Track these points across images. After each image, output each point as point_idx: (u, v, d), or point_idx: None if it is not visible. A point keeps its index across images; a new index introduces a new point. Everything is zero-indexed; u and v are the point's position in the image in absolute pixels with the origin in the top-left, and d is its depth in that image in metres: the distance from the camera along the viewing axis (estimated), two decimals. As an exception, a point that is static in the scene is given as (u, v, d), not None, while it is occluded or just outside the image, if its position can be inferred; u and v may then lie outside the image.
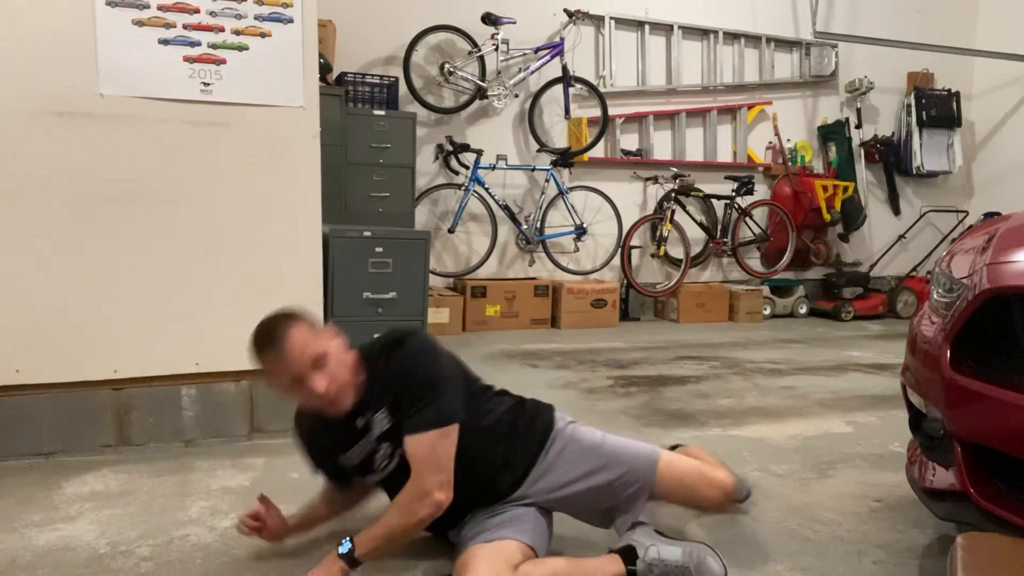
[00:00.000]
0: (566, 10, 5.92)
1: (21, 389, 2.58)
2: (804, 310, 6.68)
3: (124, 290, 2.66)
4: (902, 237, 7.09)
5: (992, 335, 1.70)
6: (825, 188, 6.68)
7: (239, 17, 2.71)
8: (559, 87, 5.81)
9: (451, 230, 5.58)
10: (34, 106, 2.51)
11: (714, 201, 6.47)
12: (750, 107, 6.70)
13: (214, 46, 2.69)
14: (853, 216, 6.87)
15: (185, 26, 2.65)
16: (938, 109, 7.08)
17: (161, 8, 2.61)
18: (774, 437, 3.03)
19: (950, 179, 7.58)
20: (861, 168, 7.08)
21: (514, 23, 5.59)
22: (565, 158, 5.76)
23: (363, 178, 4.87)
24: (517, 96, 5.85)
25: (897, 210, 7.43)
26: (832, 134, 7.01)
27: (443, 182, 5.66)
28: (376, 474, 1.84)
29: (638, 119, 6.33)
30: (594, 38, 6.17)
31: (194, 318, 2.75)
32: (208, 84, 2.69)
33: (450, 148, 5.47)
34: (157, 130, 2.65)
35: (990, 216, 6.24)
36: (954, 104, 7.13)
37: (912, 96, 7.10)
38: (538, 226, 5.81)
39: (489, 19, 5.48)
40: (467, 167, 5.52)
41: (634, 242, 6.04)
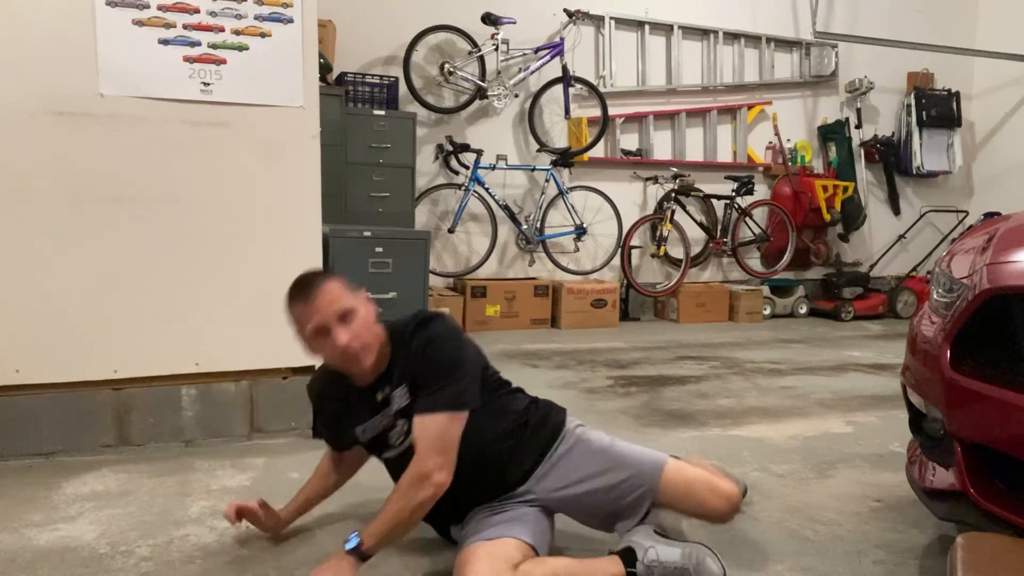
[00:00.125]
0: (566, 10, 5.92)
1: (21, 389, 2.58)
2: (804, 310, 6.68)
3: (124, 290, 2.66)
4: (902, 237, 7.09)
5: (992, 335, 1.70)
6: (825, 188, 6.68)
7: (239, 17, 2.71)
8: (559, 87, 5.81)
9: (451, 230, 5.58)
10: (34, 106, 2.51)
11: (714, 201, 6.47)
12: (750, 107, 6.70)
13: (214, 46, 2.69)
14: (853, 216, 6.87)
15: (185, 26, 2.65)
16: (938, 109, 7.08)
17: (161, 8, 2.61)
18: (774, 437, 3.03)
19: (950, 179, 7.58)
20: (861, 168, 7.09)
21: (514, 23, 5.59)
22: (565, 158, 5.76)
23: (363, 178, 4.88)
24: (517, 96, 5.85)
25: (897, 210, 7.43)
26: (832, 134, 7.01)
27: (443, 182, 5.66)
28: (389, 451, 1.86)
29: (638, 119, 6.34)
30: (594, 38, 6.17)
31: (194, 318, 2.75)
32: (208, 84, 2.69)
33: (450, 148, 5.47)
34: (157, 130, 2.65)
35: (990, 216, 6.24)
36: (954, 104, 7.14)
37: (912, 96, 7.10)
38: (538, 226, 5.81)
39: (489, 19, 5.48)
40: (467, 167, 5.53)
41: (634, 242, 6.04)
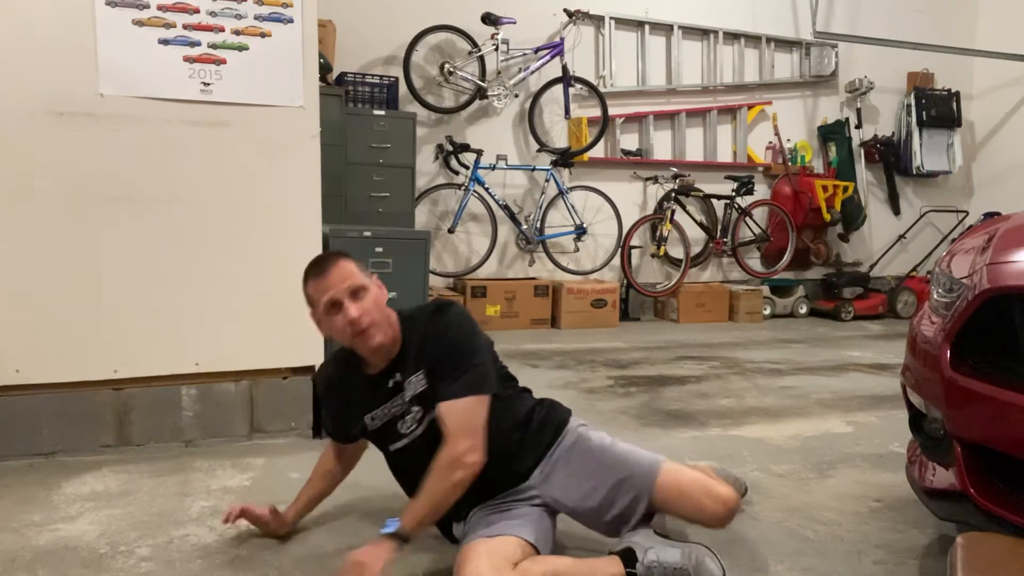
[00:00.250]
0: (566, 10, 5.92)
1: (21, 389, 2.58)
2: (804, 310, 6.68)
3: (124, 290, 2.66)
4: (902, 237, 7.09)
5: (992, 335, 1.70)
6: (825, 188, 6.67)
7: (239, 17, 2.71)
8: (559, 87, 5.81)
9: (451, 230, 5.58)
10: (34, 106, 2.51)
11: (714, 201, 6.47)
12: (750, 107, 6.70)
13: (214, 46, 2.69)
14: (853, 216, 6.86)
15: (185, 26, 2.65)
16: (938, 109, 7.08)
17: (161, 8, 2.61)
18: (774, 437, 3.04)
19: (950, 179, 7.57)
20: (861, 168, 7.09)
21: (514, 23, 5.59)
22: (565, 158, 5.76)
23: (363, 178, 4.88)
24: (517, 96, 5.85)
25: (897, 210, 7.43)
26: (832, 134, 7.01)
27: (443, 182, 5.66)
28: (398, 440, 1.86)
29: (638, 119, 6.33)
30: (594, 38, 6.17)
31: (194, 318, 2.75)
32: (208, 84, 2.69)
33: (450, 148, 5.47)
34: (157, 130, 2.65)
35: (990, 216, 6.24)
36: (954, 104, 7.14)
37: (912, 96, 7.10)
38: (538, 226, 5.81)
39: (489, 19, 5.48)
40: (467, 167, 5.52)
41: (634, 242, 6.04)
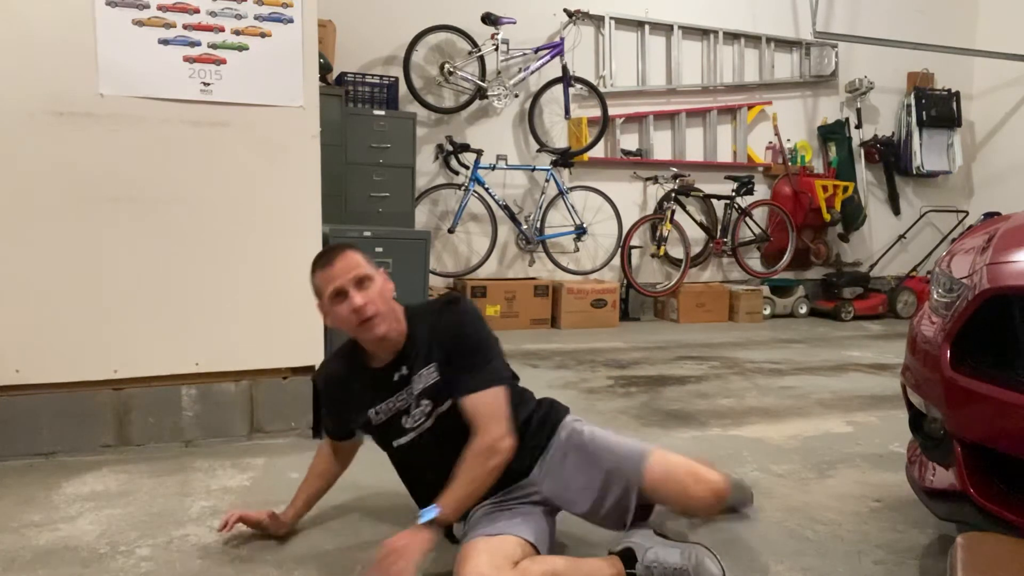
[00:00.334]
0: (566, 10, 5.92)
1: (21, 389, 2.58)
2: (804, 310, 6.68)
3: (124, 290, 2.66)
4: (902, 237, 7.09)
5: (992, 335, 1.70)
6: (825, 188, 6.67)
7: (239, 17, 2.71)
8: (559, 87, 5.81)
9: (451, 230, 5.58)
10: (34, 106, 2.51)
11: (714, 201, 6.47)
12: (750, 107, 6.70)
13: (214, 46, 2.69)
14: (853, 216, 6.86)
15: (185, 26, 2.65)
16: (938, 109, 7.08)
17: (161, 8, 2.61)
18: (774, 437, 3.03)
19: (950, 179, 7.57)
20: (861, 168, 7.09)
21: (514, 23, 5.59)
22: (565, 158, 5.76)
23: (363, 178, 4.87)
24: (517, 96, 5.85)
25: (897, 210, 7.43)
26: (832, 134, 7.01)
27: (443, 182, 5.66)
28: (402, 435, 1.86)
29: (638, 119, 6.33)
30: (594, 38, 6.17)
31: (194, 318, 2.75)
32: (208, 84, 2.69)
33: (450, 148, 5.47)
34: (157, 130, 2.65)
35: (990, 216, 6.24)
36: (954, 104, 7.13)
37: (912, 96, 7.10)
38: (538, 226, 5.81)
39: (489, 19, 5.48)
40: (467, 167, 5.52)
41: (634, 242, 6.04)
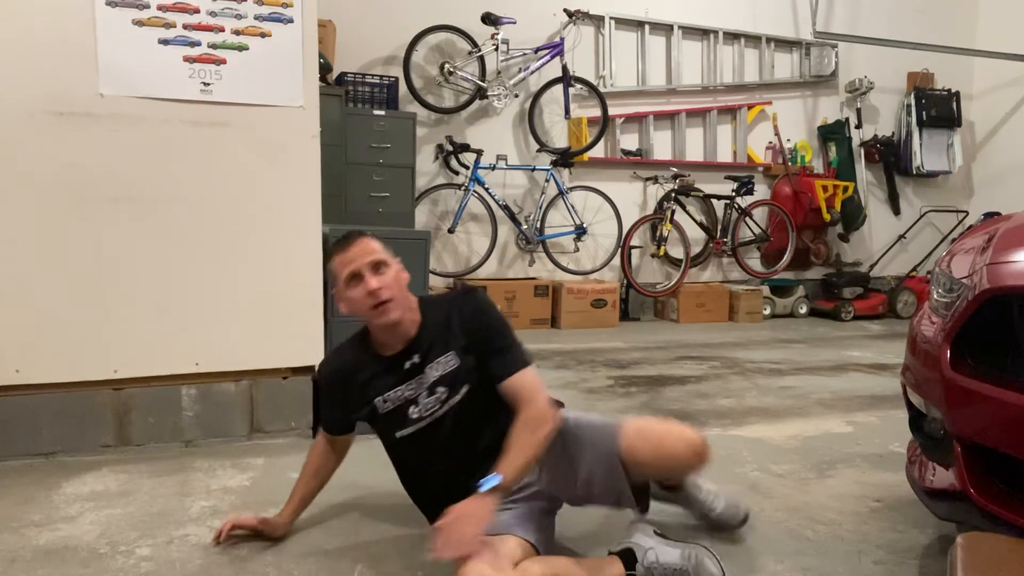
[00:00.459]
0: (566, 10, 5.92)
1: (21, 389, 2.58)
2: (804, 310, 6.68)
3: (124, 290, 2.66)
4: (902, 237, 7.09)
5: (992, 335, 1.70)
6: (825, 188, 6.67)
7: (239, 17, 2.71)
8: (559, 87, 5.81)
9: (451, 230, 5.58)
10: (34, 106, 2.51)
11: (714, 201, 6.47)
12: (750, 107, 6.70)
13: (214, 46, 2.69)
14: (853, 216, 6.87)
15: (185, 26, 2.65)
16: (938, 109, 7.08)
17: (161, 8, 2.61)
18: (774, 437, 3.03)
19: (950, 179, 7.58)
20: (861, 168, 7.09)
21: (514, 23, 5.59)
22: (565, 158, 5.76)
23: (363, 178, 4.87)
24: (517, 96, 5.85)
25: (897, 210, 7.43)
26: (832, 134, 7.01)
27: (443, 182, 5.66)
28: (407, 426, 1.86)
29: (638, 119, 6.33)
30: (594, 38, 6.17)
31: (194, 318, 2.75)
32: (208, 84, 2.69)
33: (450, 148, 5.47)
34: (157, 130, 2.65)
35: (990, 216, 6.24)
36: (954, 104, 7.14)
37: (912, 96, 7.10)
38: (538, 226, 5.81)
39: (489, 19, 5.48)
40: (467, 167, 5.52)
41: (634, 242, 6.04)
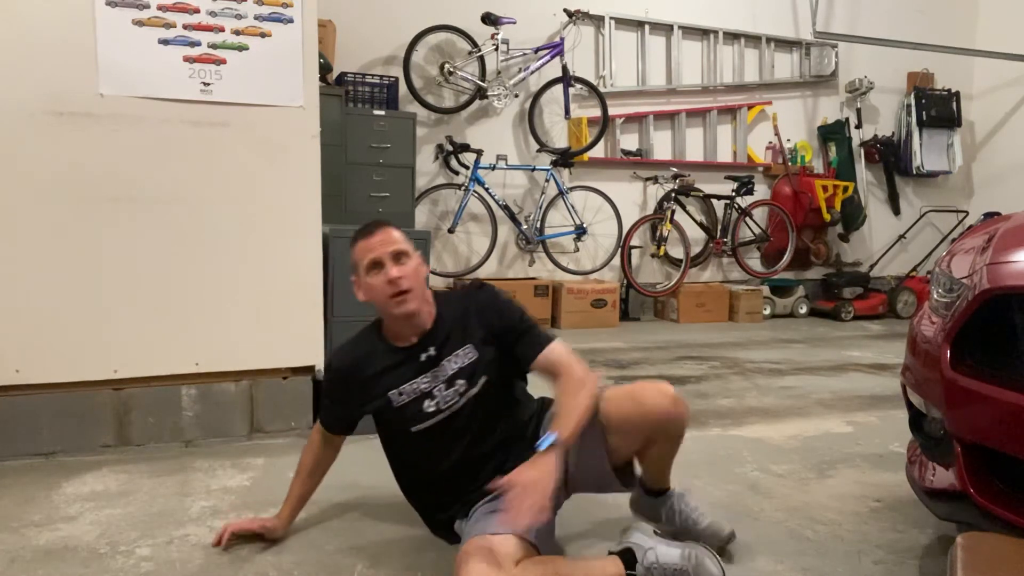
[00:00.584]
0: (566, 10, 5.92)
1: (21, 389, 2.58)
2: (804, 310, 6.68)
3: (124, 290, 2.66)
4: (902, 237, 7.09)
5: (992, 335, 1.70)
6: (825, 188, 6.67)
7: (239, 17, 2.71)
8: (559, 87, 5.81)
9: (451, 230, 5.58)
10: (34, 106, 2.51)
11: (714, 201, 6.47)
12: (750, 107, 6.70)
13: (214, 46, 2.69)
14: (853, 216, 6.86)
15: (185, 26, 2.65)
16: (938, 109, 7.08)
17: (161, 8, 2.62)
18: (774, 437, 3.03)
19: (950, 179, 7.57)
20: (861, 168, 7.08)
21: (514, 23, 5.59)
22: (565, 158, 5.76)
23: (363, 178, 4.87)
24: (517, 96, 5.85)
25: (897, 210, 7.43)
26: (832, 134, 7.01)
27: (443, 182, 5.66)
28: (422, 420, 1.86)
29: (638, 119, 6.33)
30: (594, 38, 6.17)
31: (194, 318, 2.75)
32: (208, 84, 2.69)
33: (450, 148, 5.47)
34: (157, 130, 2.65)
35: (990, 216, 6.24)
36: (954, 104, 7.13)
37: (912, 96, 7.10)
38: (538, 226, 5.81)
39: (489, 19, 5.48)
40: (467, 167, 5.52)
41: (634, 242, 6.04)
